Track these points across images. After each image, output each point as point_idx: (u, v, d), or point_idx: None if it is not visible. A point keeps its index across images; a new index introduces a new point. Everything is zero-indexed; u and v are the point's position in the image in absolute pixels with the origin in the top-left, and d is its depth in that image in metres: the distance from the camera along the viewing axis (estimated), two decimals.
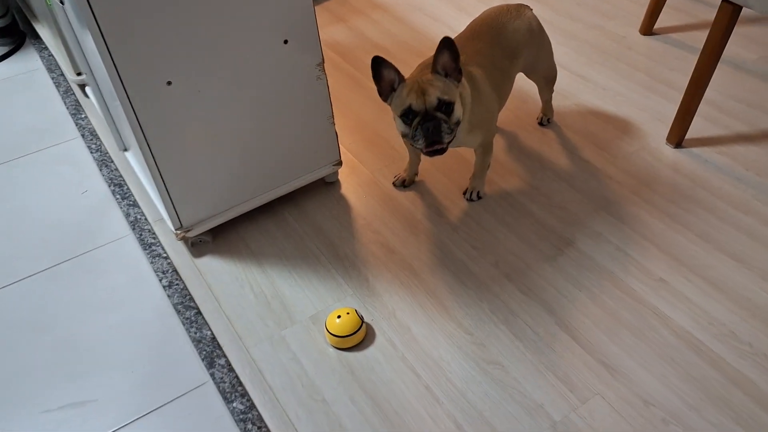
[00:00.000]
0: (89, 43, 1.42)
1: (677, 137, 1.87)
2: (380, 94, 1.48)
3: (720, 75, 2.12)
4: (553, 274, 1.53)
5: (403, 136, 1.49)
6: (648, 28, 2.39)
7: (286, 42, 1.51)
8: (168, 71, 1.39)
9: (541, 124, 1.99)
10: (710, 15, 2.43)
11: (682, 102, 1.83)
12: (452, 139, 1.46)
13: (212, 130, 1.52)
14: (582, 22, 2.48)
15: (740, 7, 1.62)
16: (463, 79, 1.49)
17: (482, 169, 1.73)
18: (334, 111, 2.10)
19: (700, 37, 2.31)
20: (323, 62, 1.60)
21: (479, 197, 1.75)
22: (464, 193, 1.77)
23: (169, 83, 1.41)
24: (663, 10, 2.47)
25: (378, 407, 1.30)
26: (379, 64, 1.43)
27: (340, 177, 1.87)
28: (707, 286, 1.48)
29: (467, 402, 1.30)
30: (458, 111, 1.45)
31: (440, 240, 1.65)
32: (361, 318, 1.42)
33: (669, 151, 1.86)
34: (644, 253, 1.56)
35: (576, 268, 1.54)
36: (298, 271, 1.60)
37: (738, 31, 2.32)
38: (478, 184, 1.76)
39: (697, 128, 1.92)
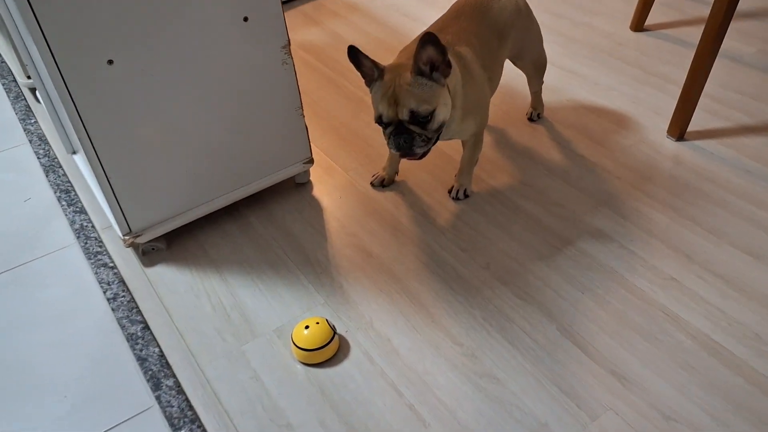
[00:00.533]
0: (17, 16, 1.25)
1: (679, 129, 1.72)
2: (365, 81, 1.34)
3: (719, 69, 1.98)
4: (551, 276, 1.36)
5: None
6: (639, 25, 2.26)
7: (246, 19, 1.35)
8: (109, 48, 1.21)
9: (531, 119, 1.84)
10: (702, 12, 2.30)
11: (682, 91, 1.68)
12: (429, 149, 1.33)
13: (163, 120, 1.34)
14: (567, 18, 2.35)
15: None
16: (453, 63, 1.32)
17: (470, 164, 1.57)
18: (306, 111, 1.93)
19: (694, 33, 2.18)
20: (289, 44, 1.43)
21: (466, 195, 1.58)
22: (450, 192, 1.60)
23: (110, 62, 1.23)
24: (653, 7, 2.35)
25: (353, 431, 1.11)
26: (355, 53, 1.29)
27: (312, 179, 1.69)
28: (723, 284, 1.31)
29: (458, 423, 1.11)
30: (441, 114, 1.30)
31: (424, 242, 1.47)
32: (333, 329, 1.23)
33: (670, 144, 1.70)
34: (651, 251, 1.39)
35: (576, 269, 1.37)
36: (263, 279, 1.41)
37: (734, 26, 2.20)
38: (465, 181, 1.59)
39: (698, 121, 1.77)
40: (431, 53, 1.24)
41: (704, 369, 1.15)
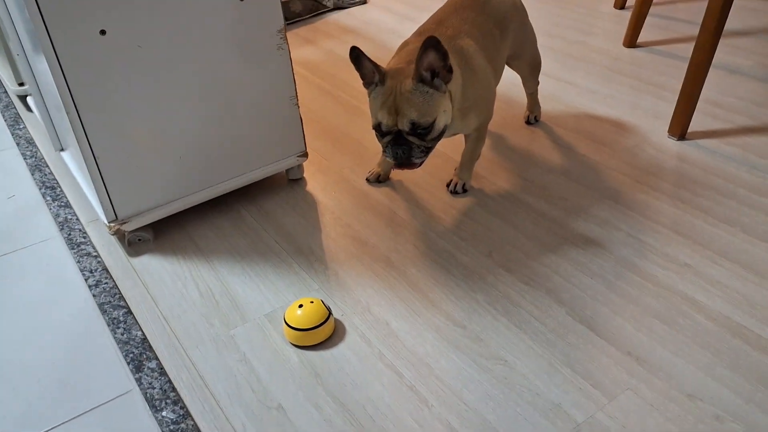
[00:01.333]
0: None
1: (680, 128, 1.69)
2: (363, 82, 1.30)
3: (717, 78, 1.97)
4: (558, 263, 1.29)
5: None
6: (632, 41, 2.27)
7: None
8: (102, 17, 1.17)
9: (528, 122, 1.80)
10: (691, 30, 2.31)
11: (682, 89, 1.65)
12: (426, 158, 1.30)
13: (154, 99, 1.29)
14: (561, 38, 2.35)
15: None
16: (454, 66, 1.27)
17: (471, 159, 1.52)
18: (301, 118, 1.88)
19: (686, 48, 2.18)
20: (285, 29, 1.40)
21: (465, 190, 1.52)
22: (448, 185, 1.54)
23: (102, 32, 1.19)
24: (644, 27, 2.36)
25: (349, 413, 1.02)
26: (357, 54, 1.24)
27: (306, 175, 1.63)
28: (741, 269, 1.24)
29: (464, 404, 1.02)
30: (441, 123, 1.26)
31: (422, 232, 1.40)
32: (329, 309, 1.15)
33: (673, 144, 1.67)
34: (661, 239, 1.33)
35: (585, 256, 1.30)
36: (254, 267, 1.33)
37: (727, 42, 2.20)
38: (465, 175, 1.53)
39: (699, 123, 1.74)
40: (432, 59, 1.20)
41: (730, 351, 1.08)
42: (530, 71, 1.70)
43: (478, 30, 1.42)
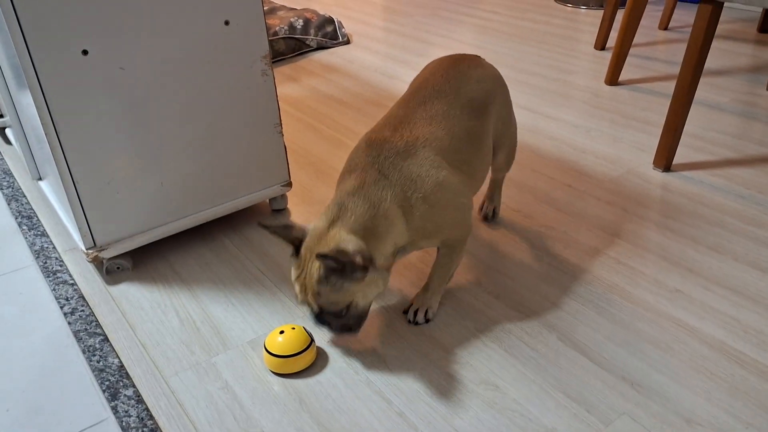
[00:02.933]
0: None
1: (665, 160, 1.70)
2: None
3: (696, 113, 2.00)
4: (547, 289, 1.27)
5: None
6: (613, 79, 2.30)
7: (227, 23, 1.31)
8: (84, 36, 1.16)
9: (485, 218, 1.50)
10: (672, 70, 2.36)
11: (666, 120, 1.67)
12: (360, 327, 1.09)
13: (136, 122, 1.27)
14: (542, 75, 2.39)
15: (721, 4, 1.51)
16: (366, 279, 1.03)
17: (441, 279, 1.18)
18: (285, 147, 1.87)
19: (667, 87, 2.22)
20: (270, 56, 1.39)
21: (427, 320, 1.19)
22: (406, 312, 1.21)
23: (84, 52, 1.17)
24: (624, 67, 2.41)
25: None
26: (265, 228, 1.06)
27: (289, 206, 1.61)
28: (733, 295, 1.23)
29: (454, 429, 0.98)
30: (363, 302, 1.05)
31: (408, 261, 1.38)
32: (311, 336, 1.11)
33: (658, 175, 1.67)
34: (651, 266, 1.32)
35: (574, 282, 1.28)
36: (236, 295, 1.29)
37: (705, 80, 2.25)
38: (429, 299, 1.19)
39: (683, 155, 1.75)
40: (333, 272, 1.00)
41: (726, 375, 1.05)
42: (506, 160, 1.40)
43: (448, 132, 1.13)
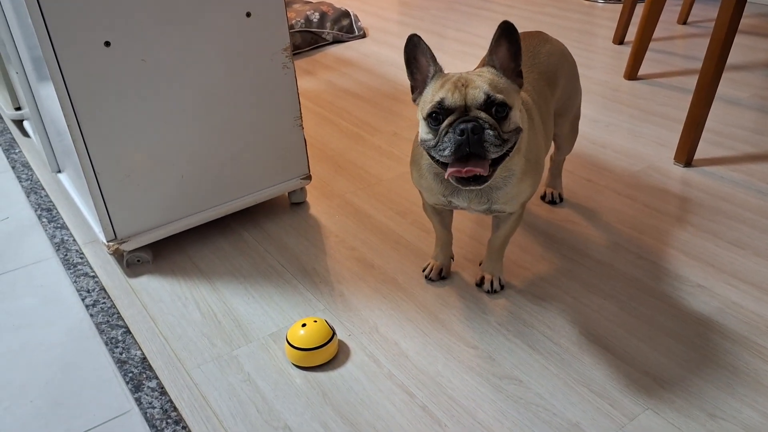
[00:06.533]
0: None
1: (686, 155, 1.68)
2: (413, 89, 1.05)
3: (716, 108, 1.98)
4: (569, 284, 1.26)
5: (427, 149, 1.00)
6: (632, 74, 2.28)
7: (248, 15, 1.31)
8: (106, 28, 1.16)
9: (547, 200, 1.53)
10: (691, 65, 2.34)
11: (687, 116, 1.66)
12: (502, 161, 0.98)
13: (157, 117, 1.27)
14: None
15: None
16: (519, 99, 1.03)
17: (503, 245, 1.23)
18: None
19: (687, 82, 2.20)
20: (291, 48, 1.39)
21: (502, 286, 1.25)
22: (479, 285, 1.26)
23: (107, 44, 1.18)
24: (644, 61, 2.39)
25: None
26: (414, 45, 1.00)
27: (308, 200, 1.61)
28: (756, 290, 1.22)
29: (478, 423, 0.98)
30: (517, 119, 0.99)
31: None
32: (333, 329, 1.11)
33: (678, 170, 1.66)
34: (673, 261, 1.31)
35: (596, 277, 1.28)
36: (257, 288, 1.30)
37: (726, 75, 2.23)
38: (497, 267, 1.25)
39: (703, 151, 1.74)
40: (503, 55, 1.00)
41: (752, 371, 1.05)
42: (570, 130, 1.43)
43: (532, 87, 1.19)
